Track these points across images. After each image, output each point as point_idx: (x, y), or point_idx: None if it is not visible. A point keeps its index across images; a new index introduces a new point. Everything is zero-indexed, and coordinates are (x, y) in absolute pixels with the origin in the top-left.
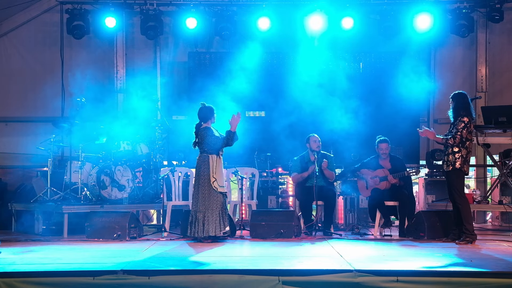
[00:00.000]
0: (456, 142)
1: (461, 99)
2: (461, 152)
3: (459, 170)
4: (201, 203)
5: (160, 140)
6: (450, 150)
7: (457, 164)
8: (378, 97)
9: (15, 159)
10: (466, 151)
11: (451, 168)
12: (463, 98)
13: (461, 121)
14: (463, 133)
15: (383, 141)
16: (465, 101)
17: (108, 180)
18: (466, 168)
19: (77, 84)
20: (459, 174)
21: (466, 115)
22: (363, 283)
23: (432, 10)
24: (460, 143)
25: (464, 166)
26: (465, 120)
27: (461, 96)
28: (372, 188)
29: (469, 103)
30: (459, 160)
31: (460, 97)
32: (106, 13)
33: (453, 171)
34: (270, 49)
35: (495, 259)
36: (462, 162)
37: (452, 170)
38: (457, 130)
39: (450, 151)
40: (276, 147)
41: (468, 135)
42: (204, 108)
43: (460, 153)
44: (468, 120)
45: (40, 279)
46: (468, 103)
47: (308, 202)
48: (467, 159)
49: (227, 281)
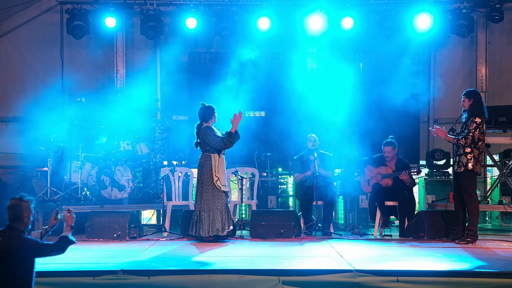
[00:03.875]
0: (467, 143)
1: (478, 97)
2: (473, 153)
3: (471, 172)
4: (205, 202)
5: (160, 140)
6: (462, 151)
7: (469, 165)
8: (378, 97)
9: (15, 159)
10: (478, 151)
11: (463, 169)
12: (480, 97)
13: (474, 121)
14: (475, 134)
15: (387, 144)
16: (481, 101)
17: (108, 180)
18: (479, 168)
19: (77, 84)
20: (472, 176)
21: (478, 115)
22: (363, 283)
23: (432, 10)
24: (472, 143)
25: (477, 167)
26: (477, 121)
27: (478, 95)
28: (373, 183)
29: (483, 103)
30: (471, 161)
31: (476, 95)
32: (106, 13)
33: (465, 172)
34: (270, 49)
35: (495, 259)
36: (474, 163)
37: (464, 171)
38: (469, 131)
39: (462, 152)
40: (276, 147)
41: (480, 136)
42: (205, 107)
43: (473, 153)
44: (480, 121)
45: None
46: (482, 103)
47: (308, 202)
48: (480, 160)
49: (227, 281)
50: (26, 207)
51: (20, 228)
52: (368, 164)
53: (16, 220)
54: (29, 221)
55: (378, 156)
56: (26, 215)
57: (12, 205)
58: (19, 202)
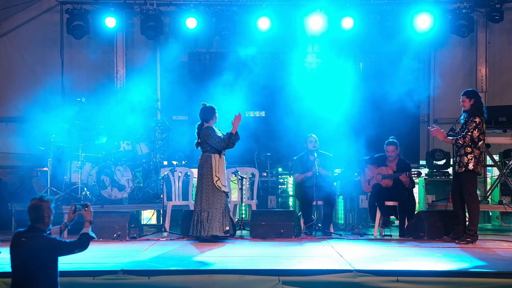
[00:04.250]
0: (466, 142)
1: (478, 97)
2: (474, 153)
3: (472, 172)
4: (205, 202)
5: (160, 140)
6: (463, 151)
7: (470, 165)
8: (378, 97)
9: (15, 159)
10: (479, 151)
11: (463, 170)
12: (479, 97)
13: (473, 121)
14: (473, 134)
15: (390, 143)
16: (481, 101)
17: (108, 180)
18: (480, 168)
19: (77, 84)
20: (472, 176)
21: (478, 115)
22: (363, 283)
23: (432, 10)
24: (472, 143)
25: (478, 167)
26: (476, 121)
27: (478, 95)
28: (373, 183)
29: (483, 103)
30: (472, 161)
31: (477, 95)
32: (106, 13)
33: (466, 172)
34: (270, 49)
35: (495, 259)
36: (475, 163)
37: (464, 171)
38: (468, 130)
39: (463, 152)
40: (276, 147)
41: (481, 135)
42: (205, 108)
43: (473, 153)
44: (480, 121)
45: None
46: (482, 103)
47: (308, 202)
48: (480, 160)
49: (227, 281)
50: (47, 207)
51: (41, 228)
52: (369, 164)
53: (38, 221)
54: (49, 220)
55: (379, 156)
56: (47, 215)
57: (33, 206)
58: (40, 203)
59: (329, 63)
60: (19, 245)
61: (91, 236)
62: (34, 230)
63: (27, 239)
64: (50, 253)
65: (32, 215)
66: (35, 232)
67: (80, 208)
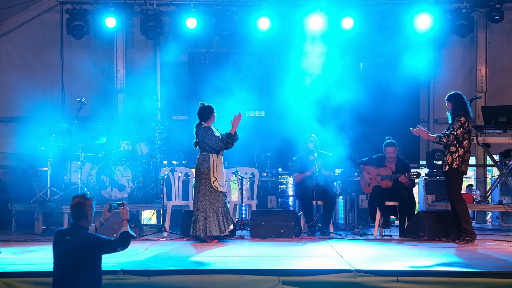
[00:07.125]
0: (450, 141)
1: (458, 99)
2: (458, 152)
3: (457, 170)
4: (202, 202)
5: (160, 140)
6: (448, 150)
7: (454, 164)
8: (378, 97)
9: (15, 159)
10: (464, 150)
11: (447, 168)
12: (460, 98)
13: (458, 120)
14: (458, 132)
15: (389, 145)
16: (462, 101)
17: (108, 180)
18: (465, 167)
19: (77, 84)
20: (457, 174)
21: (463, 115)
22: (363, 283)
23: (432, 10)
24: (457, 142)
25: (462, 166)
26: (461, 120)
27: (458, 96)
28: (373, 185)
29: (466, 102)
30: (456, 160)
31: (456, 97)
32: (106, 13)
33: (450, 171)
34: (270, 49)
35: (495, 259)
36: (460, 162)
37: (449, 170)
38: (452, 129)
39: (448, 151)
40: (276, 147)
41: (465, 135)
42: (203, 107)
43: (458, 152)
44: (464, 120)
45: (40, 279)
46: (465, 103)
47: (308, 202)
48: (465, 159)
49: (227, 281)
50: (89, 204)
51: (85, 225)
52: (368, 165)
53: (81, 218)
54: (91, 218)
55: (378, 157)
56: (90, 212)
57: (76, 204)
58: (83, 200)
59: (329, 63)
60: (65, 243)
61: (131, 234)
62: (78, 228)
63: (72, 237)
64: (95, 250)
65: (76, 213)
66: (79, 230)
67: (115, 207)
